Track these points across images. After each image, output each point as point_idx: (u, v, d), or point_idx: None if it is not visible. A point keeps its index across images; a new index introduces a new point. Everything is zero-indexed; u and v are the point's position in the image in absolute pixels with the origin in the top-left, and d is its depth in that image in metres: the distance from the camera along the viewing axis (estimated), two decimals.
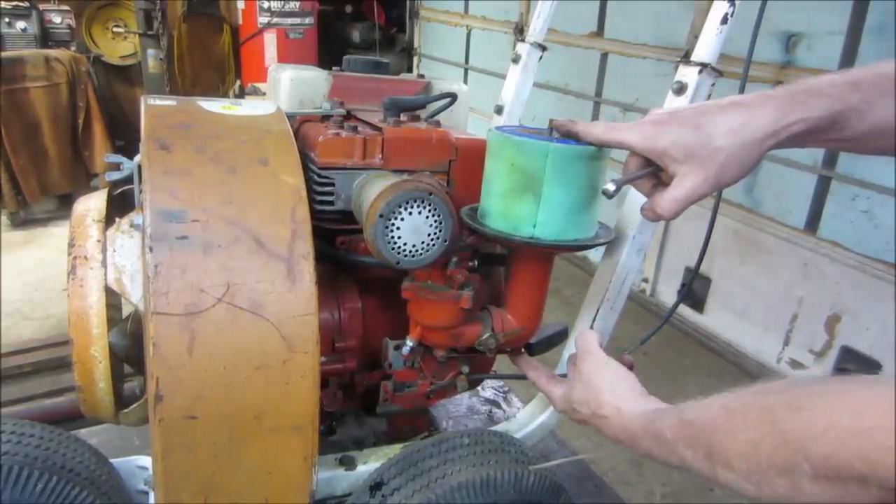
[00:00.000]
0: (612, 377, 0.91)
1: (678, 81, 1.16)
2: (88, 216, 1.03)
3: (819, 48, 2.73)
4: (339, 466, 1.16)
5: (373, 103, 1.30)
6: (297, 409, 0.89)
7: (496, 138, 0.97)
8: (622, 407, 0.85)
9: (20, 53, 3.95)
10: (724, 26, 1.12)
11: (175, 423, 0.84)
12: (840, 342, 2.72)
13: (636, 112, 3.65)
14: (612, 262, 1.22)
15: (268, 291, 0.86)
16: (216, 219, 0.87)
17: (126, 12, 4.90)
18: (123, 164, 1.07)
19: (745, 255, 3.12)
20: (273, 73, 1.39)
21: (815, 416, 0.50)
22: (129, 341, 1.07)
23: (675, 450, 0.70)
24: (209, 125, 0.98)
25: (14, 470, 0.93)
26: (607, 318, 1.25)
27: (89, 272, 0.98)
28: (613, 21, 3.83)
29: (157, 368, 0.82)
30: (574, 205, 0.95)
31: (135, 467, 1.24)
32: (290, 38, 4.59)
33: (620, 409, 0.85)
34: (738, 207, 3.12)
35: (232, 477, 0.89)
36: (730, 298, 3.22)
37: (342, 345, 1.17)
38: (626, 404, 0.85)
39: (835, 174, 2.70)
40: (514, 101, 1.76)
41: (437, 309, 1.07)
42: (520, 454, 1.07)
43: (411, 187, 0.95)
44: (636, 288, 3.72)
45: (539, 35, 1.71)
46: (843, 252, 2.67)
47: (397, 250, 0.96)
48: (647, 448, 0.77)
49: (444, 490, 0.95)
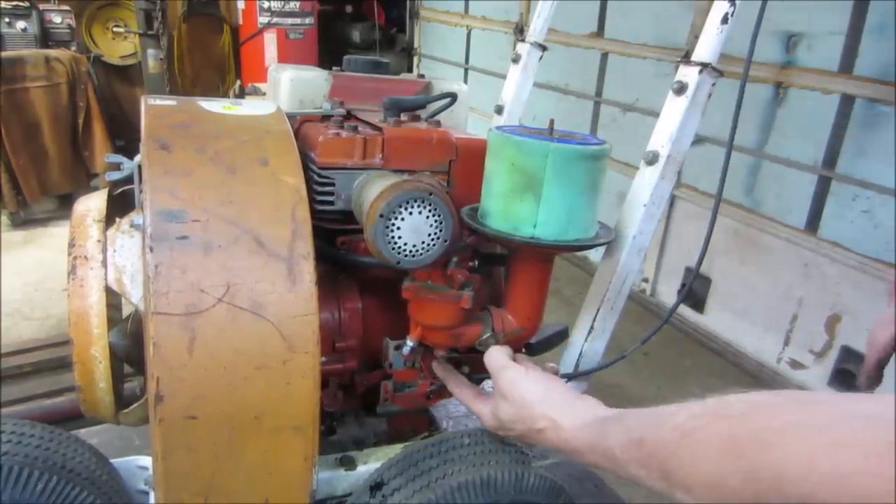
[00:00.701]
0: (538, 388, 0.87)
1: (678, 81, 1.16)
2: (89, 216, 1.03)
3: (819, 48, 2.73)
4: (339, 466, 1.16)
5: (373, 103, 1.30)
6: (298, 409, 0.89)
7: (496, 138, 0.97)
8: (558, 419, 0.82)
9: (20, 53, 3.95)
10: (725, 26, 1.13)
11: (175, 423, 0.84)
12: (840, 342, 2.72)
13: (636, 112, 3.65)
14: (613, 262, 1.22)
15: (268, 291, 0.86)
16: (216, 219, 0.87)
17: (126, 12, 4.90)
18: (123, 164, 1.07)
19: (745, 255, 3.12)
20: (273, 73, 1.39)
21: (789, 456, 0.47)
22: (129, 341, 1.07)
23: (627, 469, 0.67)
24: (209, 125, 0.98)
25: (14, 470, 0.93)
26: (607, 318, 1.25)
27: (89, 272, 0.98)
28: (614, 21, 3.83)
29: (157, 368, 0.82)
30: (574, 205, 0.95)
31: (135, 467, 1.24)
32: (290, 38, 4.59)
33: (556, 421, 0.82)
34: (739, 207, 3.12)
35: (232, 477, 0.89)
36: (730, 298, 3.22)
37: (342, 345, 1.17)
38: (562, 415, 0.82)
39: (835, 174, 2.70)
40: (514, 101, 1.76)
41: (438, 309, 1.07)
42: (520, 454, 1.07)
43: (411, 187, 0.95)
44: (636, 288, 3.72)
45: (539, 35, 1.71)
46: (843, 252, 2.67)
47: (397, 250, 0.96)
48: (594, 462, 0.74)
49: (445, 490, 0.95)
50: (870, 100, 2.55)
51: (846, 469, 0.44)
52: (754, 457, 0.50)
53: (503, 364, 0.94)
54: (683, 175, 3.36)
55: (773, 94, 2.92)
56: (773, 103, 2.93)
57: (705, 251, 1.18)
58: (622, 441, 0.69)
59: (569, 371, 1.27)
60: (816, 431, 0.48)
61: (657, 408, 0.67)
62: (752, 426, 0.53)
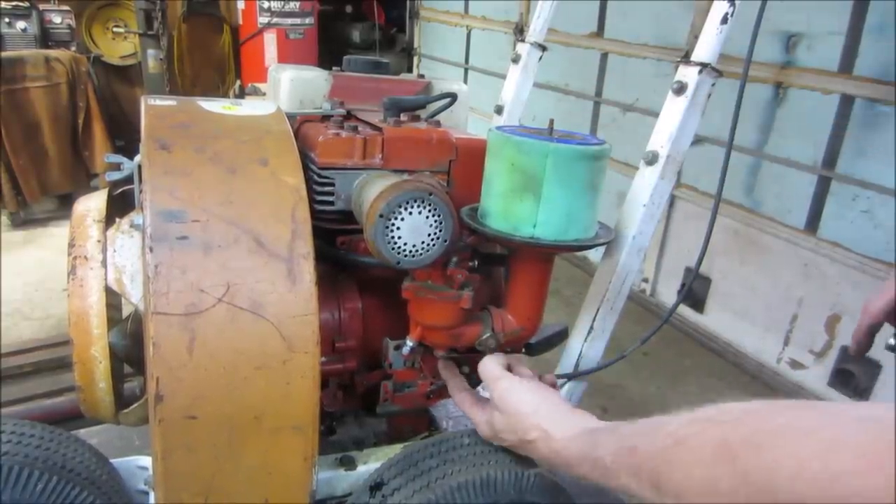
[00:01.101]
0: (531, 399, 0.87)
1: (678, 81, 1.16)
2: (88, 216, 1.03)
3: (819, 48, 2.73)
4: (339, 466, 1.16)
5: (373, 103, 1.30)
6: (298, 409, 0.89)
7: (496, 138, 0.97)
8: (549, 430, 0.82)
9: (20, 53, 3.95)
10: (724, 26, 1.13)
11: (175, 424, 0.84)
12: (840, 342, 2.71)
13: (636, 112, 3.65)
14: (612, 262, 1.22)
15: (268, 291, 0.86)
16: (216, 219, 0.87)
17: (126, 12, 4.89)
18: (123, 164, 1.07)
19: (745, 255, 3.12)
20: (273, 74, 1.39)
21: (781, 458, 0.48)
22: (129, 341, 1.07)
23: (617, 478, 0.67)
24: (209, 125, 0.98)
25: (14, 470, 0.93)
26: (607, 318, 1.25)
27: (89, 272, 0.98)
28: (613, 21, 3.83)
29: (157, 368, 0.82)
30: (574, 205, 0.95)
31: (135, 467, 1.24)
32: (290, 38, 4.59)
33: (548, 432, 0.82)
34: (738, 207, 3.12)
35: (232, 477, 0.89)
36: (730, 298, 3.22)
37: (342, 345, 1.17)
38: (553, 426, 0.82)
39: (835, 174, 2.70)
40: (514, 101, 1.76)
41: (438, 309, 1.07)
42: (520, 454, 1.07)
43: (411, 187, 0.95)
44: (636, 288, 3.71)
45: (539, 35, 1.71)
46: (843, 252, 2.67)
47: (397, 250, 0.96)
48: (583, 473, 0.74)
49: (444, 490, 0.95)
50: (870, 100, 2.55)
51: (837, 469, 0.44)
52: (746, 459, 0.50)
53: (497, 375, 0.94)
54: (683, 175, 3.36)
55: (772, 94, 2.92)
56: (773, 103, 2.93)
57: (705, 251, 1.18)
58: (613, 449, 0.69)
59: (568, 371, 1.27)
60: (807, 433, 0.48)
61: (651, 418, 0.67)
62: (744, 430, 0.53)
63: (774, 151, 2.94)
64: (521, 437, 0.86)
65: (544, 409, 0.85)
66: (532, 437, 0.84)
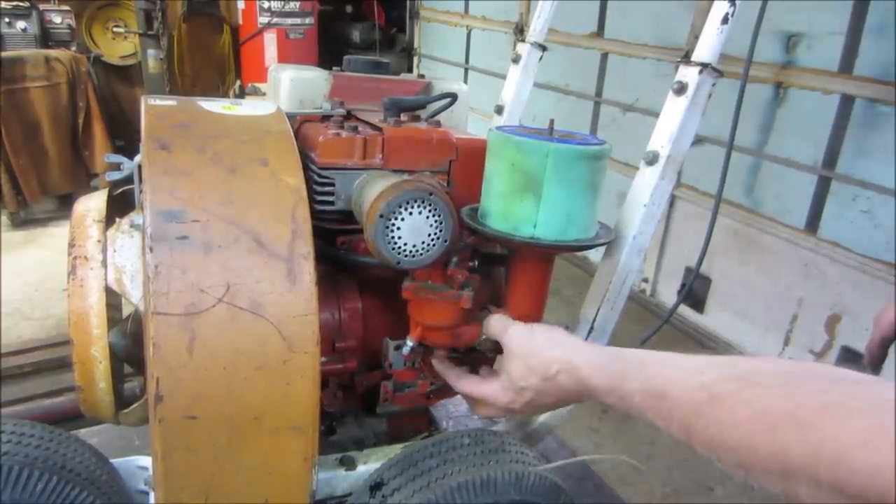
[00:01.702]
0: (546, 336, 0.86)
1: (678, 81, 1.16)
2: (89, 216, 1.03)
3: (819, 48, 2.73)
4: (339, 466, 1.16)
5: (373, 103, 1.30)
6: (298, 409, 0.89)
7: (496, 138, 0.97)
8: (572, 358, 0.79)
9: (20, 53, 3.95)
10: (725, 26, 1.12)
11: (175, 424, 0.84)
12: (840, 342, 2.72)
13: (636, 112, 3.65)
14: (613, 262, 1.22)
15: (268, 291, 0.86)
16: (216, 219, 0.87)
17: (126, 12, 4.89)
18: (123, 164, 1.07)
19: (745, 255, 3.12)
20: (273, 73, 1.39)
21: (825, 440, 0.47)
22: (129, 341, 1.07)
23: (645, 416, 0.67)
24: (209, 125, 0.98)
25: (14, 470, 0.93)
26: (607, 318, 1.25)
27: (89, 272, 0.98)
28: (613, 21, 3.83)
29: (157, 368, 0.82)
30: (574, 205, 0.95)
31: (135, 467, 1.24)
32: (291, 38, 4.59)
33: (571, 361, 0.79)
34: (738, 207, 3.12)
35: (232, 477, 0.89)
36: (730, 298, 3.22)
37: (342, 345, 1.17)
38: (575, 354, 0.80)
39: (835, 174, 2.70)
40: (514, 101, 1.76)
41: (438, 309, 1.07)
42: (520, 454, 1.07)
43: (411, 187, 0.95)
44: (636, 288, 3.71)
45: (539, 35, 1.71)
46: (843, 252, 2.67)
47: (397, 250, 0.96)
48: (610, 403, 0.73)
49: (444, 490, 0.95)
50: (870, 100, 2.55)
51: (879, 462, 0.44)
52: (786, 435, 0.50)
53: (506, 323, 0.94)
54: (683, 175, 3.36)
55: (772, 94, 2.93)
56: (773, 103, 2.93)
57: (705, 251, 1.18)
58: (642, 389, 0.68)
59: None
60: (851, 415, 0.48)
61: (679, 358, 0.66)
62: (787, 404, 0.52)
63: (774, 151, 2.94)
64: (542, 376, 0.83)
65: (560, 339, 0.85)
66: (554, 370, 0.81)
